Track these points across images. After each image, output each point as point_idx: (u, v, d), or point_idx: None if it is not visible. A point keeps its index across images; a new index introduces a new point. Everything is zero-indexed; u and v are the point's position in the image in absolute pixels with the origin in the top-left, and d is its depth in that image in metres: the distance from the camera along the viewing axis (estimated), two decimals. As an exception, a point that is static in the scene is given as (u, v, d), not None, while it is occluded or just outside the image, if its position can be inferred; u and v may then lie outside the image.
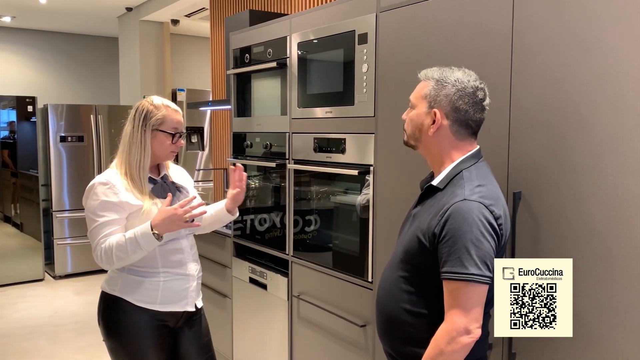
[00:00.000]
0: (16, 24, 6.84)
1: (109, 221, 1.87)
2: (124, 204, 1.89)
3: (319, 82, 2.44)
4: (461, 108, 1.43)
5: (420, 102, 1.48)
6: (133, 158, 1.94)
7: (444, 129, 1.45)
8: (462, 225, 1.32)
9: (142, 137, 1.95)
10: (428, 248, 1.40)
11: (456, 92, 1.43)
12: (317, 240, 2.50)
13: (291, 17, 2.61)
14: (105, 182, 1.90)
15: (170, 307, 1.99)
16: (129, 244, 1.84)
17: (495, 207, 1.36)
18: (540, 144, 1.54)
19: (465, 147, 1.48)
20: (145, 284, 1.95)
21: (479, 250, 1.31)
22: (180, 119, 2.02)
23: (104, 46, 7.61)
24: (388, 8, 2.01)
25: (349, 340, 2.28)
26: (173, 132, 1.98)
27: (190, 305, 2.05)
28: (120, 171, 1.94)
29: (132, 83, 6.33)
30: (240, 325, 3.13)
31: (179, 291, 2.00)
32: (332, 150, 2.34)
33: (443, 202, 1.40)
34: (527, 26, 1.55)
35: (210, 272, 3.44)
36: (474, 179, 1.41)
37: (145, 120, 1.95)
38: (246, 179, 2.20)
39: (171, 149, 2.00)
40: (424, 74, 1.50)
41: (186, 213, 1.86)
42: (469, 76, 1.45)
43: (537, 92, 1.54)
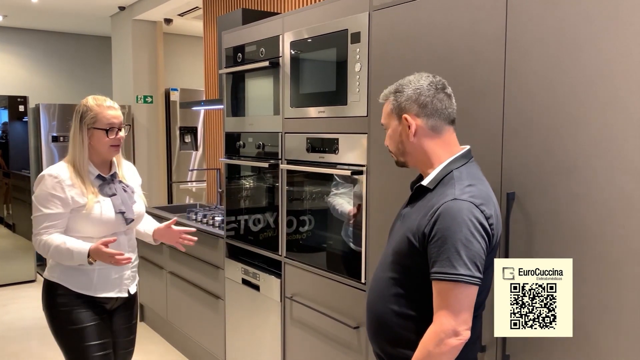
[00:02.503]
0: (8, 23, 6.79)
1: (52, 214, 2.02)
2: (69, 198, 2.03)
3: (312, 82, 2.42)
4: (426, 102, 1.45)
5: (390, 119, 1.51)
6: (76, 157, 2.09)
7: (421, 128, 1.46)
8: (451, 225, 1.31)
9: (80, 137, 2.09)
10: (418, 248, 1.38)
11: (414, 91, 1.46)
12: (310, 241, 2.48)
13: (284, 16, 2.59)
14: (55, 175, 2.04)
15: (105, 293, 2.13)
16: (65, 253, 2.00)
17: (485, 206, 1.35)
18: (534, 144, 1.52)
19: (451, 143, 1.48)
20: (81, 272, 2.09)
21: (468, 251, 1.30)
22: (115, 114, 2.12)
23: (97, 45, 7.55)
24: (381, 7, 2.00)
25: (342, 341, 2.26)
26: (107, 128, 2.08)
27: (123, 292, 2.20)
28: (68, 167, 2.08)
29: (125, 82, 6.29)
30: (233, 327, 3.11)
31: (113, 279, 2.15)
32: (325, 150, 2.33)
33: (433, 202, 1.38)
34: (521, 25, 1.54)
35: (202, 273, 3.42)
36: (465, 178, 1.40)
37: (81, 121, 2.09)
38: (190, 241, 2.33)
39: (110, 143, 2.11)
40: (383, 95, 1.55)
41: (113, 261, 2.00)
42: (419, 76, 1.48)
43: (530, 92, 1.53)
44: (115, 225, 2.13)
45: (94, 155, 2.13)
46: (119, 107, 2.17)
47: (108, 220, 2.09)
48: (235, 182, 3.11)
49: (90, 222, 2.06)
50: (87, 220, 2.06)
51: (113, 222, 2.11)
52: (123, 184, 2.20)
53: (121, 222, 2.14)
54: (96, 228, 2.08)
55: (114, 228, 2.13)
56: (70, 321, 2.08)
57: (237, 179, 3.09)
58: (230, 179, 3.14)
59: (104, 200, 2.10)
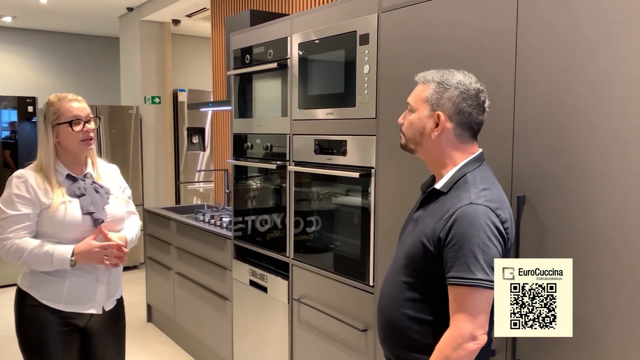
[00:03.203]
0: (17, 24, 6.82)
1: (19, 215, 1.91)
2: (34, 199, 1.92)
3: (320, 83, 2.41)
4: (465, 110, 1.41)
5: (421, 106, 1.45)
6: (43, 157, 1.99)
7: (447, 132, 1.42)
8: (468, 230, 1.30)
9: (46, 136, 1.98)
10: (433, 253, 1.37)
11: (459, 94, 1.41)
12: (318, 242, 2.47)
13: (292, 17, 2.58)
14: (20, 175, 1.96)
15: (75, 308, 1.99)
16: (43, 256, 1.89)
17: (501, 210, 1.34)
18: (546, 146, 1.51)
19: (467, 149, 1.45)
20: (50, 282, 1.97)
21: (486, 255, 1.29)
22: (80, 106, 2.02)
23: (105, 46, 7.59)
24: (390, 8, 1.99)
25: (349, 344, 2.25)
26: (70, 120, 1.97)
27: (96, 308, 2.03)
28: (36, 168, 1.99)
29: (133, 83, 6.31)
30: (241, 328, 3.11)
31: (85, 293, 2.01)
32: (333, 152, 2.32)
33: (448, 206, 1.37)
34: (532, 26, 1.53)
35: (210, 275, 3.42)
36: (479, 182, 1.39)
37: (45, 120, 1.99)
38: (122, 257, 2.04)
39: (79, 137, 1.99)
40: (423, 76, 1.47)
41: (104, 255, 1.94)
42: (470, 78, 1.44)
43: (542, 93, 1.51)
44: (83, 227, 1.95)
45: (64, 155, 2.01)
46: (83, 100, 2.06)
47: (73, 222, 1.93)
48: (242, 183, 3.11)
49: (55, 224, 1.92)
50: (52, 222, 1.92)
51: (79, 224, 1.94)
52: (96, 184, 2.05)
53: (89, 224, 1.97)
54: (63, 231, 1.93)
55: (83, 232, 1.95)
56: (35, 335, 1.96)
57: (245, 180, 3.09)
58: (237, 180, 3.14)
59: (71, 201, 1.95)
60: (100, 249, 1.94)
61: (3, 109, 5.39)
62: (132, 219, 2.20)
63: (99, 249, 1.93)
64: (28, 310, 1.97)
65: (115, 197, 2.11)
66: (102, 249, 1.94)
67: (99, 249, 1.93)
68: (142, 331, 4.25)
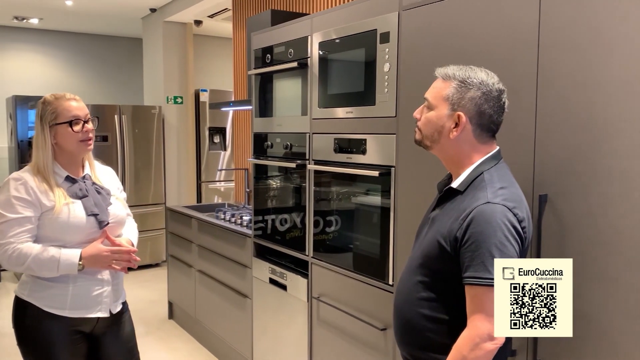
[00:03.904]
0: (43, 26, 6.96)
1: (20, 218, 1.82)
2: (35, 201, 1.84)
3: (340, 82, 2.42)
4: (486, 112, 1.39)
5: (441, 104, 1.42)
6: (40, 159, 1.90)
7: (467, 133, 1.40)
8: (485, 229, 1.29)
9: (43, 137, 1.90)
10: (449, 252, 1.36)
11: (482, 95, 1.38)
12: (337, 241, 2.48)
13: (312, 16, 2.59)
14: (18, 177, 1.87)
15: (81, 313, 1.91)
16: (48, 261, 1.81)
17: (518, 209, 1.32)
18: (567, 144, 1.49)
19: (485, 148, 1.44)
20: (53, 289, 1.88)
21: (503, 255, 1.28)
22: (79, 106, 1.94)
23: (128, 47, 7.70)
24: (411, 6, 1.98)
25: (368, 343, 2.25)
26: (70, 120, 1.90)
27: (103, 312, 1.96)
28: (33, 170, 1.90)
29: (156, 83, 6.39)
30: (260, 326, 3.13)
31: (90, 296, 1.92)
32: (353, 150, 2.32)
33: (465, 205, 1.36)
34: (555, 23, 1.51)
35: (230, 272, 3.45)
36: (496, 181, 1.37)
37: (42, 120, 1.90)
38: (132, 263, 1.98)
39: (78, 137, 1.92)
40: (444, 72, 1.43)
41: (114, 259, 1.89)
42: (492, 78, 1.41)
43: (564, 91, 1.49)
44: (88, 229, 1.90)
45: (62, 156, 1.94)
46: (81, 99, 1.98)
47: (78, 223, 1.87)
48: (262, 182, 3.13)
49: (59, 227, 1.85)
50: (56, 225, 1.84)
51: (84, 226, 1.88)
52: (97, 185, 1.99)
53: (94, 226, 1.91)
54: (68, 234, 1.86)
55: (87, 234, 1.90)
56: (40, 346, 1.87)
57: (265, 179, 3.11)
58: (258, 179, 3.16)
59: (74, 203, 1.88)
60: (109, 253, 1.88)
61: (29, 109, 5.50)
62: (130, 222, 2.16)
63: (108, 252, 1.87)
64: (30, 322, 1.87)
65: (116, 197, 2.06)
66: (112, 253, 1.88)
67: (107, 253, 1.87)
68: (163, 328, 4.31)
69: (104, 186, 2.03)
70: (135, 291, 5.14)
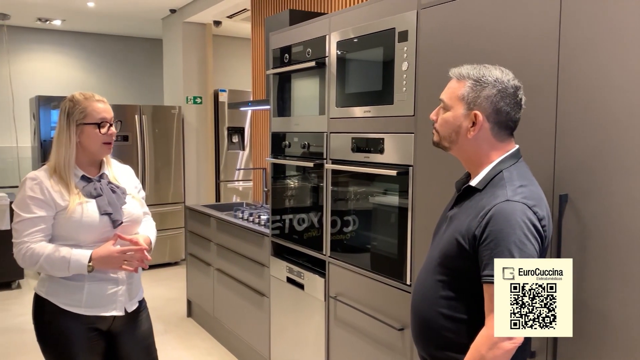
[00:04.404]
0: (66, 27, 7.08)
1: (35, 218, 1.84)
2: (50, 201, 1.86)
3: (358, 81, 2.41)
4: (503, 110, 1.38)
5: (457, 104, 1.41)
6: (60, 156, 1.91)
7: (484, 131, 1.39)
8: (504, 227, 1.28)
9: (68, 134, 1.91)
10: (468, 251, 1.35)
11: (497, 93, 1.37)
12: (355, 241, 2.47)
13: (330, 16, 2.59)
14: (34, 177, 1.89)
15: (97, 312, 1.93)
16: (59, 262, 1.83)
17: (538, 208, 1.31)
18: (588, 144, 1.47)
19: (504, 147, 1.42)
20: (69, 287, 1.90)
21: (522, 253, 1.26)
22: (106, 108, 1.97)
23: (149, 48, 7.79)
24: (429, 5, 1.97)
25: (386, 343, 2.25)
26: (99, 122, 1.93)
27: (118, 310, 1.97)
28: (50, 170, 1.92)
29: (176, 84, 6.45)
30: (278, 324, 3.14)
31: (105, 295, 1.94)
32: (371, 150, 2.31)
33: (483, 204, 1.35)
34: (576, 21, 1.49)
35: (248, 271, 3.47)
36: (515, 179, 1.36)
37: (69, 118, 1.91)
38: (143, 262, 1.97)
39: (102, 140, 1.95)
40: (458, 72, 1.42)
41: (125, 260, 1.89)
42: (507, 75, 1.39)
43: (585, 90, 1.47)
44: (101, 229, 1.91)
45: (82, 155, 1.96)
46: (107, 101, 2.01)
47: (91, 223, 1.88)
48: (280, 182, 3.14)
49: (72, 226, 1.87)
50: (69, 224, 1.87)
51: (97, 225, 1.89)
52: (112, 185, 2.00)
53: (108, 225, 1.92)
54: (81, 233, 1.88)
55: (101, 233, 1.91)
56: (58, 342, 1.91)
57: (283, 178, 3.12)
58: (275, 178, 3.17)
59: (88, 202, 1.90)
60: (119, 254, 1.87)
61: (52, 109, 5.59)
62: (148, 221, 2.17)
63: (119, 253, 1.87)
64: (48, 319, 1.91)
65: (132, 196, 2.06)
66: (122, 253, 1.88)
67: (118, 254, 1.87)
68: (182, 326, 4.34)
69: (119, 185, 2.04)
70: (154, 289, 5.20)
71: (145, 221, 2.15)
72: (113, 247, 1.88)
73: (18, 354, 3.75)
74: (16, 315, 4.51)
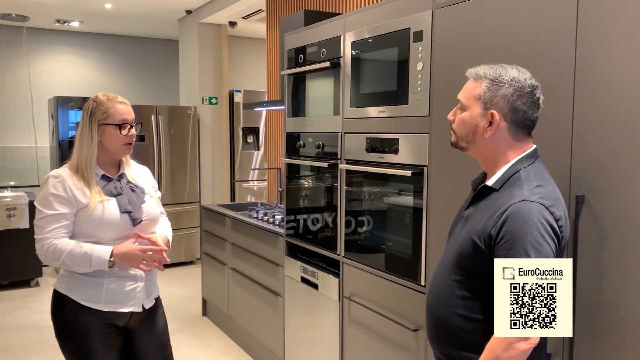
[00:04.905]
0: (84, 29, 7.17)
1: (57, 214, 1.88)
2: (72, 198, 1.90)
3: (372, 81, 2.41)
4: (520, 109, 1.37)
5: (473, 103, 1.41)
6: (82, 155, 1.96)
7: (502, 130, 1.39)
8: (521, 227, 1.27)
9: (90, 134, 1.96)
10: (483, 250, 1.35)
11: (514, 92, 1.37)
12: (369, 241, 2.47)
13: (345, 16, 2.59)
14: (56, 175, 1.93)
15: (115, 308, 1.97)
16: (81, 257, 1.86)
17: (555, 208, 1.30)
18: (606, 145, 1.45)
19: (521, 147, 1.42)
20: (88, 283, 1.94)
21: (538, 253, 1.26)
22: (128, 110, 2.01)
23: (165, 48, 7.85)
24: (444, 5, 1.96)
25: (400, 344, 2.24)
26: (120, 123, 1.98)
27: (137, 306, 2.02)
28: (72, 168, 1.96)
29: (191, 84, 6.50)
30: (292, 324, 3.15)
31: (124, 292, 1.98)
32: (385, 150, 2.31)
33: (500, 203, 1.34)
34: (593, 19, 1.47)
35: (262, 270, 3.48)
36: (532, 179, 1.35)
37: (91, 117, 1.96)
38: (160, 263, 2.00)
39: (123, 141, 2.00)
40: (475, 72, 1.42)
41: (145, 259, 1.92)
42: (524, 74, 1.39)
43: (602, 90, 1.46)
44: (122, 226, 1.95)
45: (102, 155, 2.01)
46: (129, 104, 2.05)
47: (112, 220, 1.93)
48: (295, 182, 3.15)
49: (93, 224, 1.91)
50: (90, 222, 1.91)
51: (118, 223, 1.94)
52: (131, 184, 2.05)
53: (128, 223, 1.96)
54: (102, 231, 1.93)
55: (121, 231, 1.95)
56: (76, 337, 1.95)
57: (297, 178, 3.13)
58: (290, 178, 3.18)
59: (109, 200, 1.95)
60: (140, 252, 1.91)
61: (70, 109, 5.66)
62: (164, 220, 2.21)
63: (139, 252, 1.91)
64: (67, 314, 1.95)
65: (150, 196, 2.11)
66: (142, 252, 1.92)
67: (139, 252, 1.91)
68: (197, 325, 4.37)
69: (138, 184, 2.09)
70: (170, 288, 5.24)
71: (162, 221, 2.19)
72: (134, 245, 1.93)
73: (37, 351, 3.81)
74: (35, 313, 4.59)
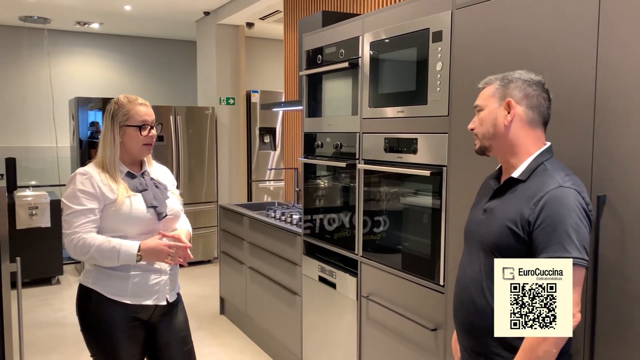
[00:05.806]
0: (103, 30, 7.27)
1: (85, 209, 1.94)
2: (99, 194, 1.96)
3: (391, 82, 2.42)
4: (532, 94, 1.49)
5: (490, 101, 1.53)
6: (106, 155, 2.03)
7: (519, 116, 1.48)
8: (560, 211, 1.34)
9: (112, 135, 2.03)
10: (522, 237, 1.40)
11: (523, 82, 1.49)
12: (387, 241, 2.48)
13: (364, 16, 2.60)
14: (84, 172, 2.00)
15: (140, 301, 2.03)
16: (110, 252, 1.92)
17: (585, 194, 1.39)
18: (628, 144, 1.44)
19: (539, 138, 1.50)
20: (115, 277, 2.00)
21: (579, 235, 1.33)
22: (147, 112, 2.08)
23: (183, 49, 7.92)
24: (464, 5, 1.96)
25: (419, 343, 2.24)
26: (140, 125, 2.04)
27: (161, 300, 2.07)
28: (98, 166, 2.03)
29: (209, 85, 6.55)
30: (310, 323, 3.16)
31: (149, 285, 2.04)
32: (403, 150, 2.31)
33: (533, 191, 1.41)
34: (615, 19, 1.46)
35: (280, 270, 3.50)
36: (560, 169, 1.44)
37: (113, 119, 2.04)
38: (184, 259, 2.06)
39: (143, 141, 2.06)
40: (484, 81, 1.56)
41: (170, 254, 1.98)
42: (530, 73, 1.51)
43: (624, 90, 1.45)
44: (148, 221, 2.03)
45: (124, 154, 2.07)
46: (150, 105, 2.11)
47: (139, 215, 2.00)
48: (312, 182, 3.16)
49: (121, 219, 1.98)
50: (118, 217, 1.97)
51: (144, 218, 2.01)
52: (155, 181, 2.13)
53: (154, 217, 2.03)
54: (129, 225, 1.99)
55: (147, 225, 2.03)
56: (102, 330, 2.00)
57: (314, 178, 3.14)
58: (307, 178, 3.19)
59: (135, 196, 2.02)
60: (166, 248, 1.98)
61: (89, 110, 5.75)
62: (184, 218, 2.26)
63: (165, 247, 1.97)
64: (94, 308, 2.00)
65: (171, 192, 2.18)
66: (168, 248, 1.98)
67: (165, 247, 1.97)
68: (215, 323, 4.41)
69: (161, 181, 2.16)
70: (188, 287, 5.29)
71: (182, 218, 2.24)
72: (160, 241, 1.99)
73: (58, 348, 3.88)
74: (56, 310, 4.66)
